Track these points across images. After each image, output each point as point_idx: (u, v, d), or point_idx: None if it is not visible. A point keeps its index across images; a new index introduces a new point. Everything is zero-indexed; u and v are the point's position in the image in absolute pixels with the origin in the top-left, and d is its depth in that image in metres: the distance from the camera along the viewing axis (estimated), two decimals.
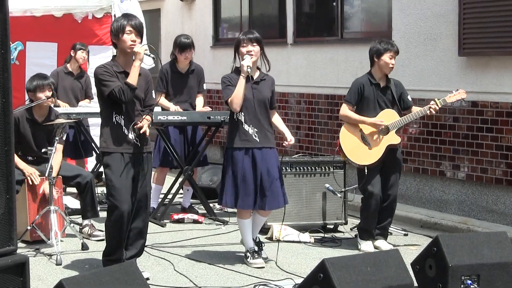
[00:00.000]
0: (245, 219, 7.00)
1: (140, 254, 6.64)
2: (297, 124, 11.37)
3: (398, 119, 7.47)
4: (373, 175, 7.45)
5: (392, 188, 7.54)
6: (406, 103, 7.61)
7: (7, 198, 4.15)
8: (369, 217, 7.52)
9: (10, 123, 4.15)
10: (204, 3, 13.80)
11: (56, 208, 7.28)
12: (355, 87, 7.54)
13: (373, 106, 7.49)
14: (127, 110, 6.38)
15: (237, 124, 6.86)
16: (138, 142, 6.40)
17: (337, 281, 4.83)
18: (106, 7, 10.98)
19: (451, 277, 5.48)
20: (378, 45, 7.49)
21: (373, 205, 7.44)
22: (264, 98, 6.91)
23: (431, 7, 9.24)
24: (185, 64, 9.01)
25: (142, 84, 6.46)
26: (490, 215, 8.66)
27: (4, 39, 4.11)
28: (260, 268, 6.85)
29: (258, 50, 6.88)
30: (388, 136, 7.45)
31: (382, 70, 7.51)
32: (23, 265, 4.18)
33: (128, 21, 6.38)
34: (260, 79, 6.97)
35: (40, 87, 7.59)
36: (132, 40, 6.35)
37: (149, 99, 6.59)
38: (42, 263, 6.98)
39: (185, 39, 8.97)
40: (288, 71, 11.54)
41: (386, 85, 7.57)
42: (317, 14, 11.58)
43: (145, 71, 6.60)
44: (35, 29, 10.62)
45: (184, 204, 9.33)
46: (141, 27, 6.45)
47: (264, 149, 6.86)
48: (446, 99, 7.49)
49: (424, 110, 7.48)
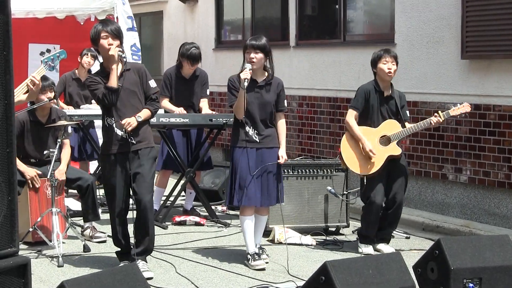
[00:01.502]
0: (246, 216, 7.03)
1: (148, 251, 6.75)
2: (299, 127, 11.36)
3: (400, 130, 7.44)
4: (375, 184, 7.42)
5: (397, 195, 7.48)
6: (403, 116, 7.56)
7: (9, 200, 4.14)
8: (369, 224, 7.51)
9: (12, 125, 4.14)
10: (206, 5, 13.81)
11: (58, 210, 7.28)
12: (362, 92, 7.50)
13: (376, 114, 7.46)
14: (117, 110, 6.59)
15: (239, 125, 7.00)
16: (132, 140, 6.58)
17: (339, 284, 4.82)
18: (109, 9, 10.97)
19: (453, 280, 5.47)
20: (374, 55, 7.53)
21: (374, 213, 7.43)
22: (267, 102, 6.98)
23: (434, 10, 9.24)
24: (190, 71, 9.01)
25: (133, 79, 6.67)
26: (492, 218, 8.65)
27: (7, 40, 4.10)
28: (261, 270, 6.86)
29: (260, 58, 6.94)
30: (389, 147, 7.42)
31: (382, 78, 7.49)
32: (25, 266, 4.17)
33: (103, 27, 6.64)
34: (265, 83, 7.02)
35: (41, 88, 7.58)
36: (109, 44, 6.57)
37: (147, 90, 6.75)
38: (44, 265, 6.98)
39: (195, 49, 8.88)
40: (290, 73, 11.54)
41: (390, 95, 7.53)
42: (319, 16, 11.58)
43: (135, 65, 6.90)
44: (37, 31, 10.63)
45: (186, 207, 9.33)
46: (116, 31, 6.64)
47: (265, 148, 6.97)
48: (450, 112, 7.46)
49: (427, 122, 7.43)
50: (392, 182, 7.48)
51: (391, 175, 7.49)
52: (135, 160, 6.60)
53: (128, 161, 6.59)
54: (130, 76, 6.66)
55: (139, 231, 6.66)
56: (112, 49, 6.52)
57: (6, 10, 4.10)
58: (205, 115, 8.75)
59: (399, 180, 7.50)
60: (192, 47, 8.90)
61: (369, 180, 7.44)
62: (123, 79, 6.61)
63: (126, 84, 6.62)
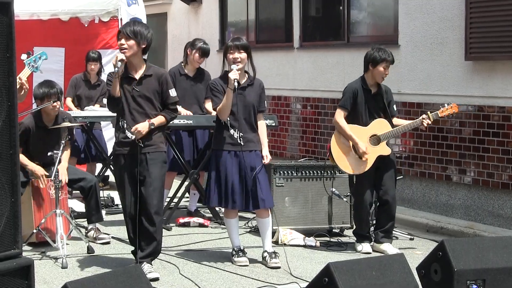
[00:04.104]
0: (231, 219, 7.17)
1: (153, 255, 6.70)
2: (303, 128, 11.37)
3: (390, 130, 7.49)
4: (364, 181, 7.53)
5: (389, 191, 7.53)
6: (391, 112, 7.59)
7: (12, 202, 4.15)
8: (361, 222, 7.63)
9: (15, 127, 4.15)
10: (210, 7, 13.82)
11: (61, 211, 7.29)
12: (349, 91, 7.54)
13: (364, 112, 7.50)
14: (131, 113, 6.55)
15: (223, 128, 7.01)
16: (140, 143, 6.53)
17: (342, 285, 4.82)
18: (113, 10, 10.98)
19: (456, 282, 5.45)
20: (376, 53, 7.48)
21: (364, 211, 7.55)
22: (250, 103, 7.01)
23: (438, 12, 9.23)
24: (195, 65, 9.05)
25: (153, 85, 6.60)
26: (496, 219, 8.64)
27: (10, 42, 4.11)
28: (244, 266, 6.99)
29: (245, 57, 6.97)
30: (378, 147, 7.48)
31: (374, 78, 7.52)
32: (28, 268, 4.18)
33: (122, 27, 6.64)
34: (247, 84, 7.06)
35: (48, 96, 7.60)
36: (121, 44, 6.54)
37: (166, 98, 6.69)
38: (47, 266, 6.99)
39: (206, 45, 9.09)
40: (294, 75, 11.54)
41: (378, 91, 7.57)
42: (323, 18, 11.58)
43: (158, 71, 6.73)
44: (42, 33, 10.63)
45: (190, 208, 9.34)
46: (132, 33, 6.52)
47: (248, 152, 6.98)
48: (438, 113, 7.55)
49: (417, 123, 7.51)
50: (381, 178, 7.54)
51: (379, 170, 7.54)
52: (144, 163, 6.55)
53: (137, 164, 6.53)
54: (149, 82, 6.58)
55: (145, 235, 6.61)
56: (113, 60, 6.49)
57: (9, 12, 4.11)
58: (209, 117, 8.75)
59: (388, 174, 7.55)
60: (202, 42, 9.11)
61: (358, 178, 7.54)
62: (142, 84, 6.55)
63: (143, 90, 6.55)
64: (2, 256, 4.10)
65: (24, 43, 8.61)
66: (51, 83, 7.77)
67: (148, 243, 6.61)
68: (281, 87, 11.81)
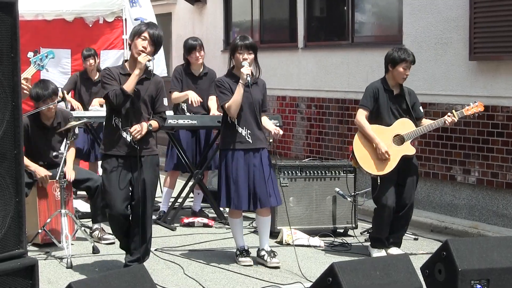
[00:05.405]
0: (236, 219, 7.19)
1: (143, 258, 6.61)
2: (308, 128, 11.37)
3: (414, 129, 7.31)
4: (388, 186, 7.30)
5: (409, 197, 7.39)
6: (417, 114, 7.45)
7: (16, 201, 4.16)
8: (381, 227, 7.41)
9: (20, 127, 4.16)
10: (215, 7, 13.83)
11: (66, 212, 7.30)
12: (370, 91, 7.37)
13: (387, 113, 7.33)
14: (127, 113, 6.47)
15: (230, 126, 7.01)
16: (136, 145, 6.47)
17: (346, 285, 4.82)
18: (117, 11, 10.99)
19: (460, 282, 5.45)
20: (396, 53, 7.31)
21: (386, 216, 7.32)
22: (256, 101, 7.01)
23: (442, 12, 9.23)
24: (198, 66, 9.05)
25: (150, 89, 6.55)
26: (501, 219, 8.64)
27: (14, 43, 4.12)
28: (248, 266, 6.99)
29: (253, 58, 7.01)
30: (403, 147, 7.30)
31: (395, 79, 7.38)
32: (32, 268, 4.19)
33: (147, 28, 6.48)
34: (252, 83, 7.04)
35: (42, 98, 7.56)
36: (143, 47, 6.42)
37: (159, 106, 6.65)
38: (52, 266, 7.01)
39: (193, 40, 9.07)
40: (299, 75, 11.55)
41: (400, 93, 7.43)
42: (328, 18, 11.58)
43: (156, 78, 6.68)
44: (48, 35, 10.64)
45: (194, 208, 9.35)
46: (158, 38, 6.47)
47: (256, 150, 6.99)
48: (464, 111, 7.35)
49: (441, 122, 7.34)
50: (403, 183, 7.37)
51: (402, 175, 7.36)
52: (138, 165, 6.47)
53: (133, 166, 6.47)
54: (148, 86, 6.51)
55: (134, 239, 6.57)
56: (142, 57, 6.37)
57: (14, 12, 4.11)
58: (213, 117, 8.76)
59: (410, 180, 7.39)
60: (190, 39, 9.13)
61: (382, 182, 7.31)
62: (142, 85, 6.50)
63: (143, 92, 6.50)
64: (6, 256, 4.10)
65: (30, 45, 8.62)
66: (46, 84, 7.68)
67: (139, 247, 6.58)
68: (285, 87, 11.81)
